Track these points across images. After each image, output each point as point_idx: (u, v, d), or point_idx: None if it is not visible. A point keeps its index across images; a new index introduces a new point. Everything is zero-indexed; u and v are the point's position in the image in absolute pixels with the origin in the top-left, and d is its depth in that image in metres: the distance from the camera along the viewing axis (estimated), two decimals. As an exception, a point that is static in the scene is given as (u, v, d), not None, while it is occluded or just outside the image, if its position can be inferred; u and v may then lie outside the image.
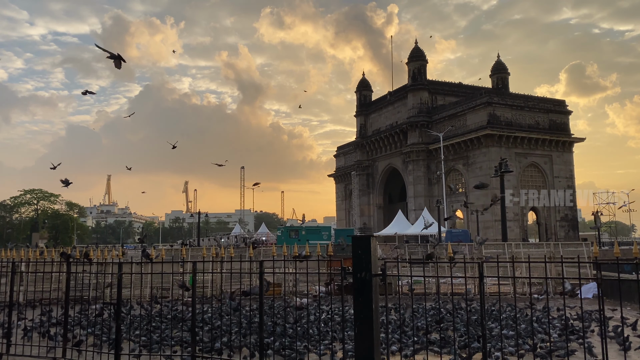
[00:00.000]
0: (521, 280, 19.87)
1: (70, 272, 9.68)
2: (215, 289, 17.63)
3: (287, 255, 11.41)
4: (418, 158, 64.85)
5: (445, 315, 12.03)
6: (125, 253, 10.79)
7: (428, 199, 63.51)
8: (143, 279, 10.21)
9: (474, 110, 59.14)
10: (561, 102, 63.78)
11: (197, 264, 8.92)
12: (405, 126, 66.07)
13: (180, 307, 12.91)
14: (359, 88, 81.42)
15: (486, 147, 56.72)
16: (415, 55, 67.85)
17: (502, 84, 70.70)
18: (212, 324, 10.21)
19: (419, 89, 66.30)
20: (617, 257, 5.53)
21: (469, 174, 59.07)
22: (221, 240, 55.05)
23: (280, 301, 13.39)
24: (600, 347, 5.58)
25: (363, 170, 77.36)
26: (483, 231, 53.41)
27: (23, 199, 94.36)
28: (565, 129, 61.59)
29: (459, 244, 27.00)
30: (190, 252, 21.73)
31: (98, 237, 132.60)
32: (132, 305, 14.18)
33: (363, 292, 6.35)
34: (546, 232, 58.60)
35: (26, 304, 13.73)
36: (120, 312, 8.88)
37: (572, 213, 61.56)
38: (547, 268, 19.36)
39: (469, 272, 18.13)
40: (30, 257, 11.28)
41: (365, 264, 6.40)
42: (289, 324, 10.69)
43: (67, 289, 9.64)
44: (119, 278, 8.85)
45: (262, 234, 65.77)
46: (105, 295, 12.73)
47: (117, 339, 8.62)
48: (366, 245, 6.48)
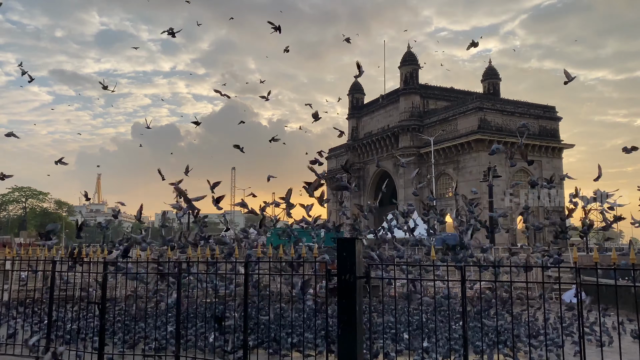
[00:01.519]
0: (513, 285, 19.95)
1: (56, 271, 9.62)
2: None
3: (271, 256, 11.44)
4: (409, 161, 65.10)
5: (428, 320, 12.15)
6: (111, 252, 10.75)
7: (418, 202, 63.72)
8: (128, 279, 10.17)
9: (464, 115, 59.53)
10: (551, 108, 64.33)
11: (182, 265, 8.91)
12: (397, 129, 66.37)
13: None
14: (351, 91, 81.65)
15: (476, 151, 57.09)
16: (408, 59, 68.20)
17: (493, 89, 71.25)
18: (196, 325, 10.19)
19: (411, 93, 66.64)
20: (595, 262, 5.63)
21: (460, 178, 59.37)
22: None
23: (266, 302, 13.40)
24: (579, 346, 5.69)
25: (354, 172, 77.52)
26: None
27: (11, 196, 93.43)
28: (555, 135, 62.14)
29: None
30: (177, 253, 21.60)
31: (87, 235, 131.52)
32: (117, 304, 14.13)
33: (347, 294, 6.38)
34: (535, 237, 58.99)
35: (9, 304, 13.62)
36: (105, 312, 8.84)
37: (561, 218, 61.98)
38: (533, 272, 19.56)
39: (455, 276, 18.19)
40: (15, 256, 11.21)
41: (350, 266, 6.44)
42: (274, 324, 10.71)
43: (52, 289, 9.58)
44: (104, 277, 8.82)
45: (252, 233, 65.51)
46: (91, 295, 12.67)
47: (100, 338, 8.58)
48: (351, 247, 6.52)
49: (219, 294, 10.03)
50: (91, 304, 9.68)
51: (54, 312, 9.74)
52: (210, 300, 11.83)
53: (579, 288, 5.76)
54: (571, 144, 62.99)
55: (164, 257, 10.40)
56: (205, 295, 11.93)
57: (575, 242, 62.20)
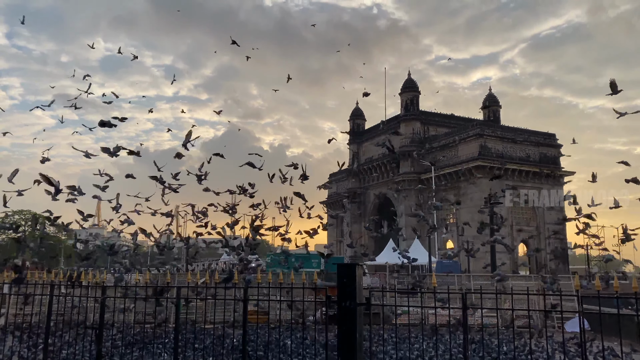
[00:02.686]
0: (515, 313, 19.76)
1: (54, 295, 9.55)
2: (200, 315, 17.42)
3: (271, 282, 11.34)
4: (410, 187, 65.14)
5: (428, 348, 11.97)
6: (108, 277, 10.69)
7: (419, 228, 63.48)
8: (126, 303, 10.10)
9: (465, 141, 59.79)
10: (552, 136, 64.59)
11: (181, 290, 8.85)
12: (398, 155, 66.58)
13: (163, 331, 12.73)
14: (352, 116, 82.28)
15: (477, 178, 57.16)
16: (408, 86, 68.90)
17: (493, 116, 71.69)
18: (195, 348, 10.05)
19: (412, 119, 67.11)
20: (598, 290, 5.59)
21: (461, 204, 59.30)
22: (210, 265, 54.36)
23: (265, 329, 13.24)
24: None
25: (355, 198, 77.50)
26: (473, 262, 53.29)
27: (11, 219, 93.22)
28: (555, 162, 62.29)
29: (448, 275, 26.95)
30: (176, 278, 21.55)
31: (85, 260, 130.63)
32: (114, 329, 13.93)
33: (347, 321, 6.32)
34: (537, 264, 58.62)
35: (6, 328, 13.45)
36: (102, 337, 8.75)
37: (562, 246, 61.74)
38: (535, 301, 19.39)
39: (457, 304, 18.03)
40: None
41: (350, 293, 6.39)
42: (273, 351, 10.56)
43: (49, 313, 9.49)
44: (102, 302, 8.75)
45: (252, 259, 65.12)
46: (89, 319, 12.54)
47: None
48: (351, 273, 6.48)
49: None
50: (89, 329, 9.59)
51: (50, 337, 9.63)
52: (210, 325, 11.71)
53: (581, 316, 5.70)
54: (572, 171, 63.07)
55: (161, 282, 10.32)
56: (204, 321, 11.83)
57: (578, 270, 61.80)
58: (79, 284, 9.46)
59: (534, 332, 13.86)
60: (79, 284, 9.45)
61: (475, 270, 49.03)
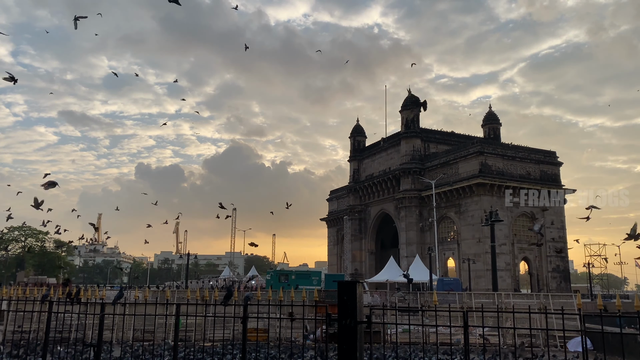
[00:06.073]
0: (516, 331, 19.59)
1: (52, 311, 9.48)
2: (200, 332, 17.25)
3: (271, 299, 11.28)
4: (410, 204, 65.04)
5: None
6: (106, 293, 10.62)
7: (420, 246, 63.30)
8: (126, 320, 10.01)
9: (465, 159, 59.89)
10: (552, 153, 64.69)
11: (180, 307, 8.78)
12: (398, 172, 66.67)
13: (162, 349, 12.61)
14: (353, 134, 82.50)
15: (478, 195, 57.12)
16: (409, 103, 69.17)
17: (493, 134, 71.86)
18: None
19: (412, 136, 67.29)
20: (600, 309, 5.55)
21: (461, 222, 59.21)
22: (209, 283, 54.16)
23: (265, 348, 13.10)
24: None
25: (355, 215, 77.34)
26: (475, 280, 53.06)
27: (10, 235, 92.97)
28: (556, 180, 62.30)
29: (449, 293, 26.78)
30: (176, 295, 21.41)
31: (85, 276, 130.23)
32: (113, 347, 13.80)
33: (347, 339, 6.26)
34: (538, 282, 58.27)
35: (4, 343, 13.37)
36: (100, 353, 8.66)
37: (563, 264, 61.44)
38: (537, 319, 19.23)
39: (458, 322, 17.89)
40: (12, 296, 11.07)
41: (351, 311, 6.34)
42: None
43: (47, 330, 9.41)
44: (101, 319, 8.68)
45: (251, 277, 64.87)
46: (87, 336, 12.45)
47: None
48: (352, 291, 6.44)
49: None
50: (87, 346, 9.50)
51: (48, 354, 9.53)
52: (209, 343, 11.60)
53: (583, 335, 5.65)
54: (573, 189, 63.03)
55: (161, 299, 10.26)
56: (203, 338, 11.71)
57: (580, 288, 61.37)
58: (77, 301, 9.41)
59: (536, 355, 13.72)
60: (78, 301, 9.40)
61: (476, 288, 48.78)
